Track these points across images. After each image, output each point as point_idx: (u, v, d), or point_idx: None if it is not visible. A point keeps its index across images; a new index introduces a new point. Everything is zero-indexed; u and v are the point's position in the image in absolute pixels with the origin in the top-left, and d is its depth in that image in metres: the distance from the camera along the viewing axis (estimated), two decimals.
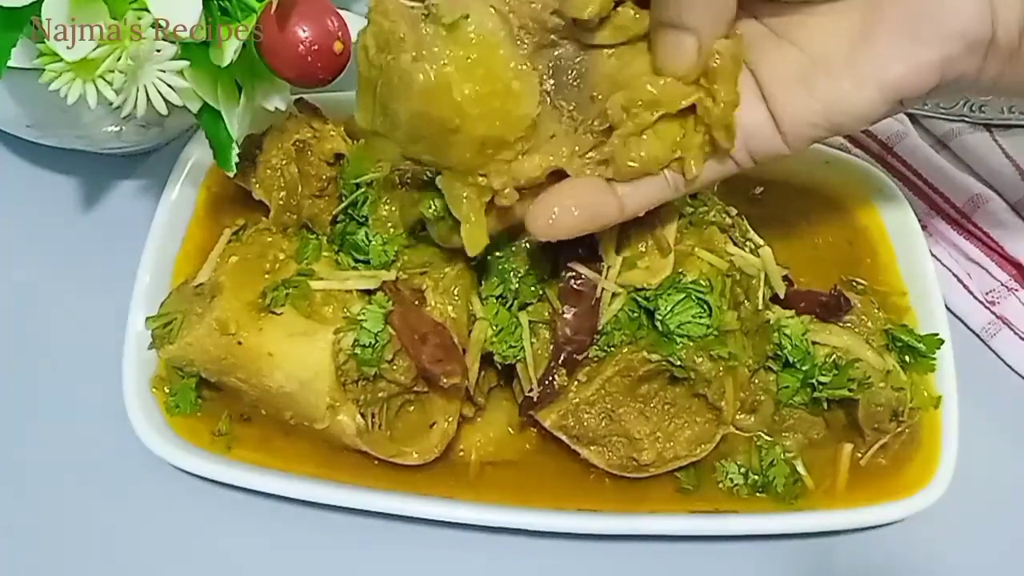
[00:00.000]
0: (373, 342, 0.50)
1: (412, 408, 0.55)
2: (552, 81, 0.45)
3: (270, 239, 0.56)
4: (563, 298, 0.51)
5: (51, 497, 0.57)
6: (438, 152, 0.45)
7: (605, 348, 0.52)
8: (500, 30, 0.43)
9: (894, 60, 0.41)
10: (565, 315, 0.51)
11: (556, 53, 0.44)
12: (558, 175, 0.46)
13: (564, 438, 0.53)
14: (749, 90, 0.44)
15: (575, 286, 0.51)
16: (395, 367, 0.52)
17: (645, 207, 0.47)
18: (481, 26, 0.43)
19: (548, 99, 0.45)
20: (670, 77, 0.43)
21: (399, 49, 0.43)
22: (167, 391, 0.56)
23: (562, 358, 0.51)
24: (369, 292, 0.53)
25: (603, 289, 0.51)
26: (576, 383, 0.52)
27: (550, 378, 0.52)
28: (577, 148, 0.45)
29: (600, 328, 0.51)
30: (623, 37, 0.43)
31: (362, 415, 0.52)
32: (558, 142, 0.45)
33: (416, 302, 0.53)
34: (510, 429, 0.57)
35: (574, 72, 0.45)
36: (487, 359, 0.54)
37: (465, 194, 0.46)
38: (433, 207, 0.50)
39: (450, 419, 0.54)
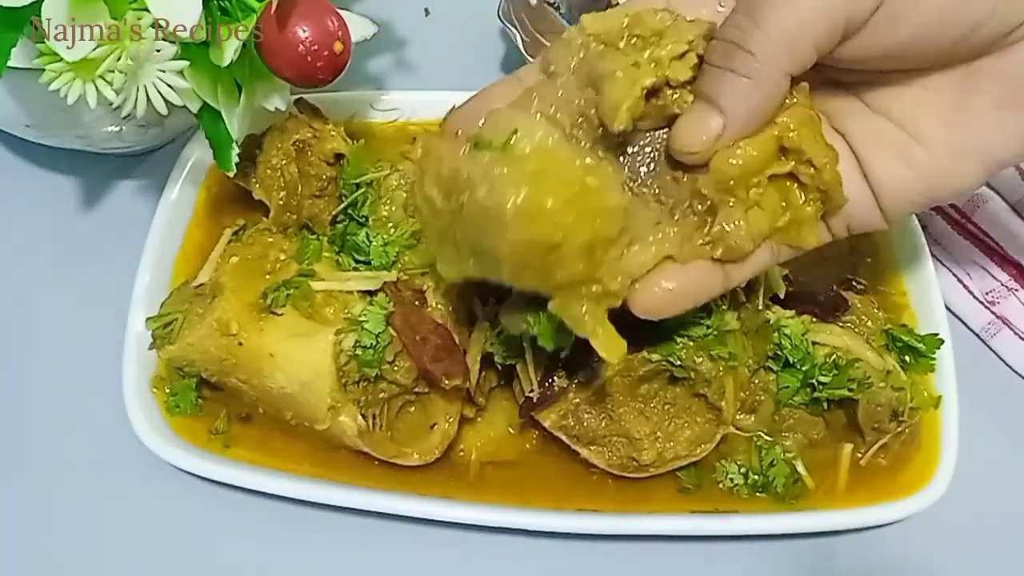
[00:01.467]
0: (374, 343, 0.50)
1: (413, 409, 0.55)
2: (627, 168, 0.43)
3: (271, 239, 0.56)
4: None
5: (51, 497, 0.57)
6: (548, 275, 0.41)
7: None
8: (553, 134, 0.40)
9: (995, 135, 0.41)
10: None
11: (621, 140, 0.42)
12: None
13: (564, 438, 0.53)
14: (848, 163, 0.43)
15: None
16: (396, 368, 0.52)
17: (749, 277, 0.45)
18: (533, 136, 0.40)
19: (630, 187, 0.43)
20: (683, 150, 0.41)
21: (469, 187, 0.40)
22: (167, 391, 0.56)
23: (562, 360, 0.51)
24: (370, 293, 0.53)
25: None
26: (576, 383, 0.52)
27: (550, 379, 0.52)
28: (683, 232, 0.42)
29: None
30: None
31: (363, 416, 0.52)
32: (663, 227, 0.42)
33: (417, 303, 0.53)
34: (510, 429, 0.57)
35: (647, 156, 0.42)
36: (487, 359, 0.54)
37: (584, 310, 0.42)
38: (539, 323, 0.47)
39: (451, 420, 0.54)
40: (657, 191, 0.43)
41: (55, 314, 0.63)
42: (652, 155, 0.43)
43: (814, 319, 0.55)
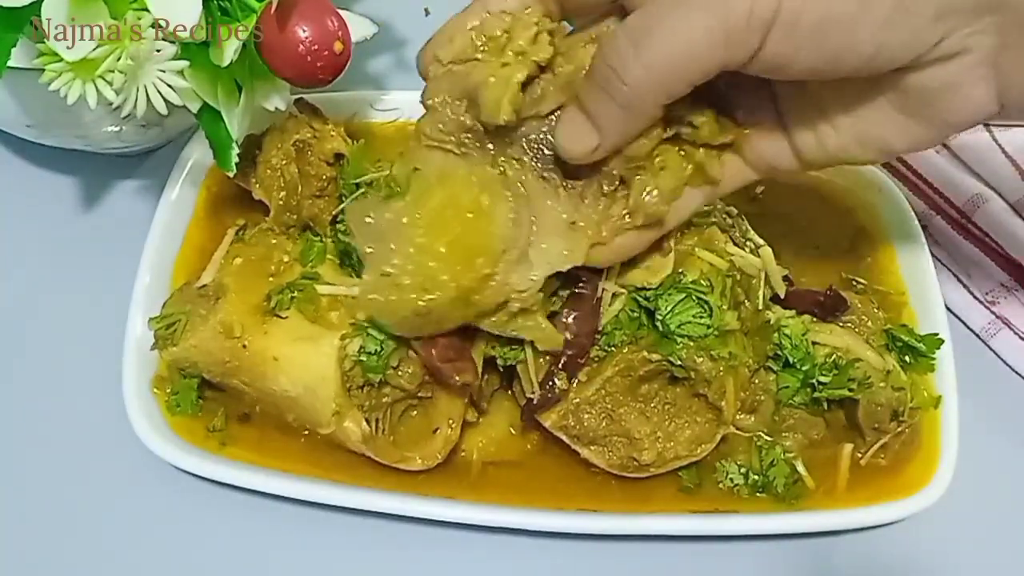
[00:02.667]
0: (379, 349, 0.50)
1: (415, 413, 0.55)
2: (529, 159, 0.46)
3: (274, 240, 0.56)
4: (563, 301, 0.51)
5: (51, 497, 0.57)
6: (442, 326, 0.48)
7: (605, 348, 0.52)
8: (448, 156, 0.46)
9: (893, 133, 0.44)
10: (565, 318, 0.51)
11: (521, 131, 0.45)
12: None
13: (564, 438, 0.53)
14: (772, 119, 0.47)
15: (575, 289, 0.51)
16: (400, 373, 0.51)
17: (686, 218, 0.49)
18: (431, 167, 0.46)
19: (542, 180, 0.46)
20: (567, 156, 0.44)
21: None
22: (168, 391, 0.56)
23: (563, 361, 0.51)
24: None
25: (603, 289, 0.51)
26: (576, 383, 0.52)
27: (551, 381, 0.52)
28: (597, 218, 0.46)
29: (601, 328, 0.51)
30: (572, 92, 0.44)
31: (367, 421, 0.52)
32: (579, 223, 0.46)
33: None
34: (511, 430, 0.57)
35: (547, 143, 0.45)
36: (488, 363, 0.54)
37: (517, 325, 0.48)
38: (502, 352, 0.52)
39: (453, 424, 0.54)
40: (563, 178, 0.46)
41: (55, 314, 0.63)
42: (552, 142, 0.46)
43: (814, 319, 0.55)
